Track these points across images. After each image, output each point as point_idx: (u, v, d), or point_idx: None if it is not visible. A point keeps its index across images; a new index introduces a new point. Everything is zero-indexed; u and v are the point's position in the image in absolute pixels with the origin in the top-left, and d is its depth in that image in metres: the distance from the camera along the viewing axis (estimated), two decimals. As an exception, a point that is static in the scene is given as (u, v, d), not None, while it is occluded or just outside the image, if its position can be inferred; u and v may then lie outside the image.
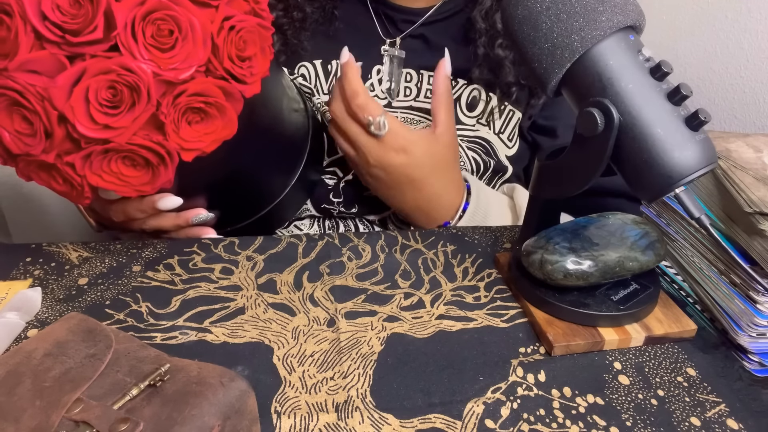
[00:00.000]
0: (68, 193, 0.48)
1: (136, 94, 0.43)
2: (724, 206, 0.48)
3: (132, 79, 0.42)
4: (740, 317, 0.46)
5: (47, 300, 0.52)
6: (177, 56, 0.43)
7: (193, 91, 0.45)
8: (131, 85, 0.42)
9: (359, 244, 0.61)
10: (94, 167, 0.46)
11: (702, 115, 0.40)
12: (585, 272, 0.47)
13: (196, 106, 0.45)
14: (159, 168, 0.47)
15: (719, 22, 0.87)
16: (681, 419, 0.42)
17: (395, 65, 0.72)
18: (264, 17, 0.51)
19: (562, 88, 0.45)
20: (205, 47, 0.44)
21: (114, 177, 0.47)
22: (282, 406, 0.42)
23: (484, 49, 0.70)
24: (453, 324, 0.50)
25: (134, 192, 0.48)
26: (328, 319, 0.51)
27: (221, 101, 0.46)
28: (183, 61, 0.44)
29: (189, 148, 0.47)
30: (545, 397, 0.44)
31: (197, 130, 0.47)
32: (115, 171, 0.46)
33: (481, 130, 0.73)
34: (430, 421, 0.41)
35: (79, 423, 0.32)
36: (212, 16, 0.45)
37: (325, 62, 0.72)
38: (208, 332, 0.49)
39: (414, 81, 0.73)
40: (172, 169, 0.47)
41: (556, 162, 0.47)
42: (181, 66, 0.44)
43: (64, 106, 0.42)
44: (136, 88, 0.43)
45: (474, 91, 0.72)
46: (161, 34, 0.43)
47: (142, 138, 0.45)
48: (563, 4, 0.42)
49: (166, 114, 0.44)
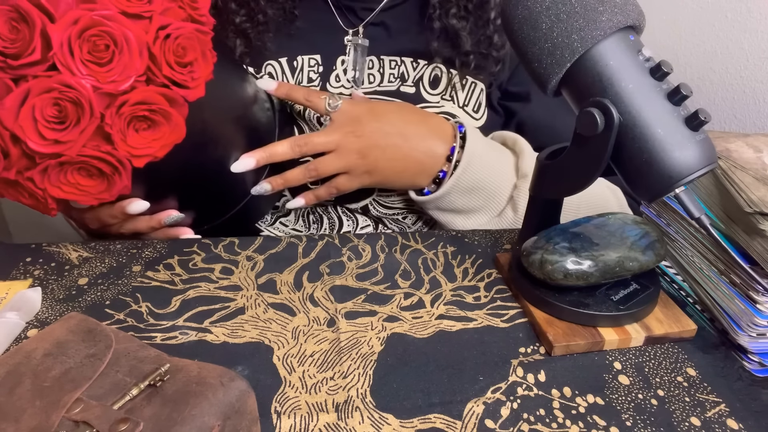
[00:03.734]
0: (36, 206, 0.51)
1: (80, 108, 0.45)
2: (724, 206, 0.48)
3: (73, 94, 0.44)
4: (740, 317, 0.46)
5: (47, 300, 0.52)
6: (115, 69, 0.46)
7: (135, 100, 0.47)
8: (74, 100, 0.45)
9: (359, 244, 0.61)
10: (53, 180, 0.48)
11: (702, 115, 0.40)
12: (585, 272, 0.47)
13: (141, 114, 0.48)
14: (113, 176, 0.49)
15: (719, 22, 0.88)
16: (681, 419, 0.42)
17: (359, 53, 0.73)
18: (204, 22, 0.53)
19: (562, 88, 0.45)
20: (141, 58, 0.47)
21: (73, 188, 0.49)
22: (282, 406, 0.42)
23: (439, 22, 0.71)
24: (453, 324, 0.50)
25: (95, 200, 0.50)
26: (328, 319, 0.51)
27: (165, 107, 0.48)
28: (121, 73, 0.46)
29: (139, 155, 0.49)
30: (545, 397, 0.44)
31: (145, 137, 0.49)
32: (72, 182, 0.49)
33: (445, 106, 0.74)
34: (430, 421, 0.41)
35: (79, 423, 0.32)
36: (146, 27, 0.47)
37: (291, 59, 0.73)
38: (208, 332, 0.49)
39: (376, 67, 0.74)
40: (127, 176, 0.49)
41: (556, 162, 0.47)
42: (119, 78, 0.46)
43: (14, 126, 0.44)
44: (79, 103, 0.45)
45: (435, 69, 0.74)
46: (98, 50, 0.45)
47: (91, 149, 0.47)
48: (563, 4, 0.42)
49: (111, 124, 0.47)
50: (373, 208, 0.74)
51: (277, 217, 0.77)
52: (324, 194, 0.68)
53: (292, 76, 0.73)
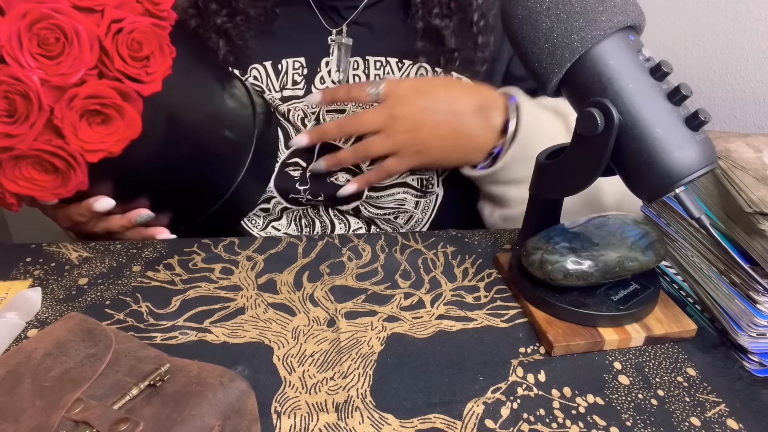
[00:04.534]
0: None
1: (29, 101, 0.45)
2: (724, 206, 0.48)
3: (21, 87, 0.44)
4: (740, 317, 0.46)
5: (47, 300, 0.52)
6: (64, 62, 0.45)
7: (86, 94, 0.46)
8: (22, 93, 0.45)
9: (359, 244, 0.61)
10: (8, 174, 0.48)
11: (702, 115, 0.40)
12: (585, 272, 0.47)
13: (93, 108, 0.47)
14: (68, 171, 0.48)
15: (719, 22, 0.87)
16: (681, 419, 0.42)
17: (343, 53, 0.73)
18: (163, 17, 0.52)
19: (562, 88, 0.45)
20: (92, 51, 0.46)
21: (28, 182, 0.49)
22: (282, 406, 0.42)
23: (422, 21, 0.71)
24: (453, 324, 0.50)
25: (52, 196, 0.50)
26: (328, 319, 0.51)
27: (118, 101, 0.48)
28: (70, 66, 0.46)
29: (92, 150, 0.48)
30: (545, 397, 0.44)
31: (98, 131, 0.49)
32: (27, 176, 0.48)
33: None
34: (430, 421, 0.41)
35: (79, 423, 0.32)
36: (98, 21, 0.47)
37: (275, 62, 0.73)
38: (208, 332, 0.49)
39: (361, 68, 0.74)
40: (82, 172, 0.49)
41: (556, 162, 0.47)
42: (68, 71, 0.46)
43: None
44: (27, 96, 0.45)
45: (421, 69, 0.73)
46: (47, 42, 0.45)
47: (43, 143, 0.47)
48: (563, 4, 0.42)
49: (62, 118, 0.46)
50: (364, 209, 0.74)
51: (269, 221, 0.77)
52: (374, 178, 0.68)
53: (277, 79, 0.73)
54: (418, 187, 0.72)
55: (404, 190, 0.72)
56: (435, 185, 0.73)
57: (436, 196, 0.73)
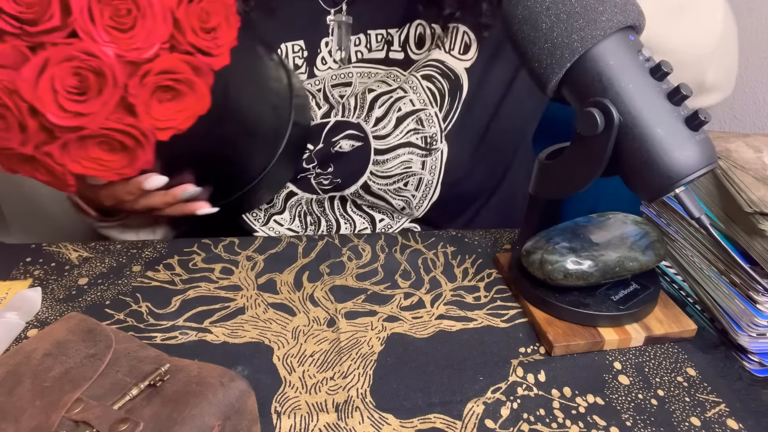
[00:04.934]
0: (52, 182, 0.48)
1: (102, 78, 0.42)
2: (724, 206, 0.48)
3: (95, 63, 0.42)
4: (740, 317, 0.46)
5: (47, 300, 0.52)
6: (138, 35, 0.43)
7: (159, 69, 0.44)
8: (96, 69, 0.42)
9: (359, 244, 0.61)
10: (73, 155, 0.45)
11: (702, 115, 0.40)
12: (585, 272, 0.47)
13: (165, 84, 0.45)
14: (136, 150, 0.46)
15: (719, 22, 0.87)
16: (681, 419, 0.42)
17: (344, 31, 0.72)
18: None
19: (562, 88, 0.45)
20: (165, 22, 0.44)
21: (94, 163, 0.46)
22: (282, 406, 0.42)
23: None
24: (453, 324, 0.50)
25: (116, 176, 0.48)
26: (328, 319, 0.51)
27: (190, 77, 0.46)
28: (145, 39, 0.43)
29: (163, 127, 0.46)
30: (545, 397, 0.44)
31: (169, 108, 0.46)
32: (93, 157, 0.46)
33: (432, 53, 0.73)
34: (430, 421, 0.41)
35: (79, 423, 0.32)
36: None
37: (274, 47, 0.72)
38: (208, 332, 0.49)
39: (363, 43, 0.73)
40: (150, 150, 0.47)
41: (556, 162, 0.47)
42: (143, 45, 0.43)
43: (33, 97, 0.42)
44: (101, 73, 0.42)
45: (419, 27, 0.73)
46: (119, 14, 0.42)
47: (114, 122, 0.44)
48: (563, 4, 0.42)
49: (135, 95, 0.44)
50: (372, 182, 0.73)
51: (270, 215, 0.76)
52: None
53: None
54: (422, 146, 0.71)
55: (408, 150, 0.71)
56: (438, 141, 0.72)
57: (440, 152, 0.73)
